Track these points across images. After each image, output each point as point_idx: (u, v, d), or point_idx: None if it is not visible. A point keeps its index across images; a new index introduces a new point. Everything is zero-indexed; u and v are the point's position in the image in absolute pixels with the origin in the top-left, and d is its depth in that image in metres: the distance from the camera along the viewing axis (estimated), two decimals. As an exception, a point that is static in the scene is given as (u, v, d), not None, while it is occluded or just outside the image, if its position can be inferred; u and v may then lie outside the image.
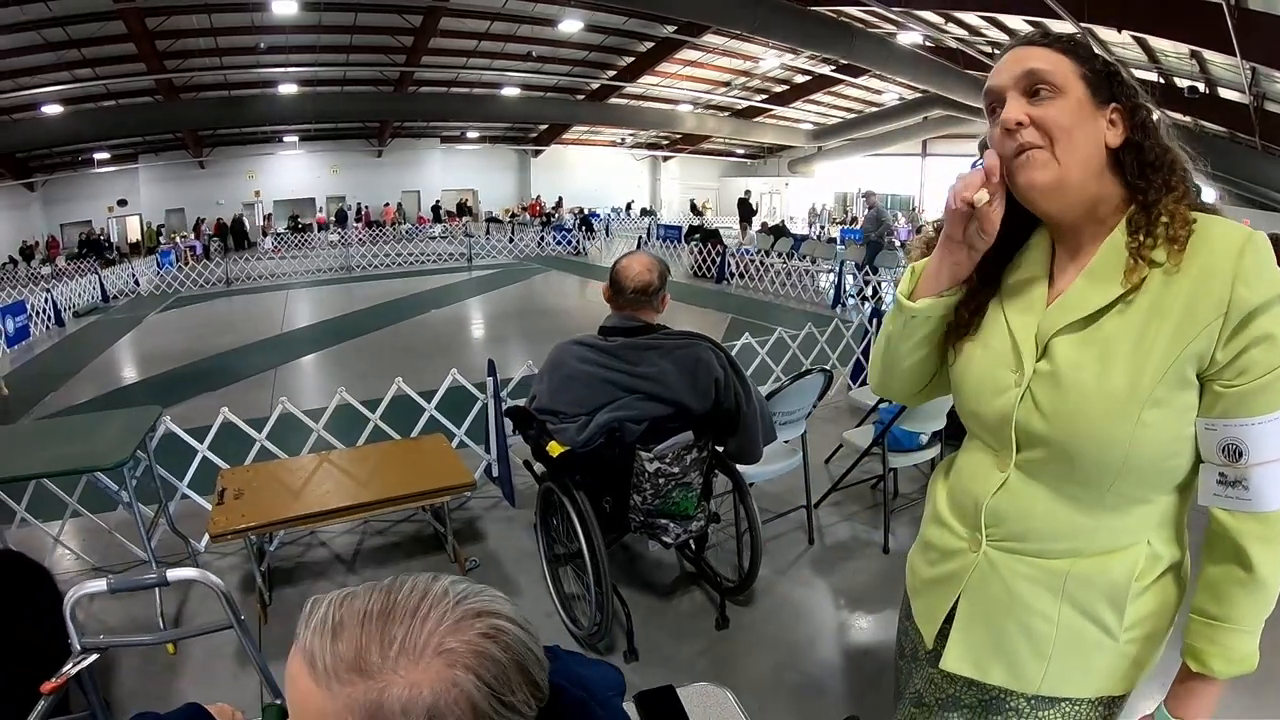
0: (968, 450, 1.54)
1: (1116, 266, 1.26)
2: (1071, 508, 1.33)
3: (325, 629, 0.80)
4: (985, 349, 1.42)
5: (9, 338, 12.79)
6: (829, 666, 3.34)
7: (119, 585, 2.25)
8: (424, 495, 3.93)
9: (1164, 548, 1.36)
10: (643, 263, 3.24)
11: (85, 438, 3.92)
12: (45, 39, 17.70)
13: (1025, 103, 1.27)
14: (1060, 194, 1.28)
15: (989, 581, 1.43)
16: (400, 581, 0.87)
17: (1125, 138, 1.28)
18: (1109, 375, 1.24)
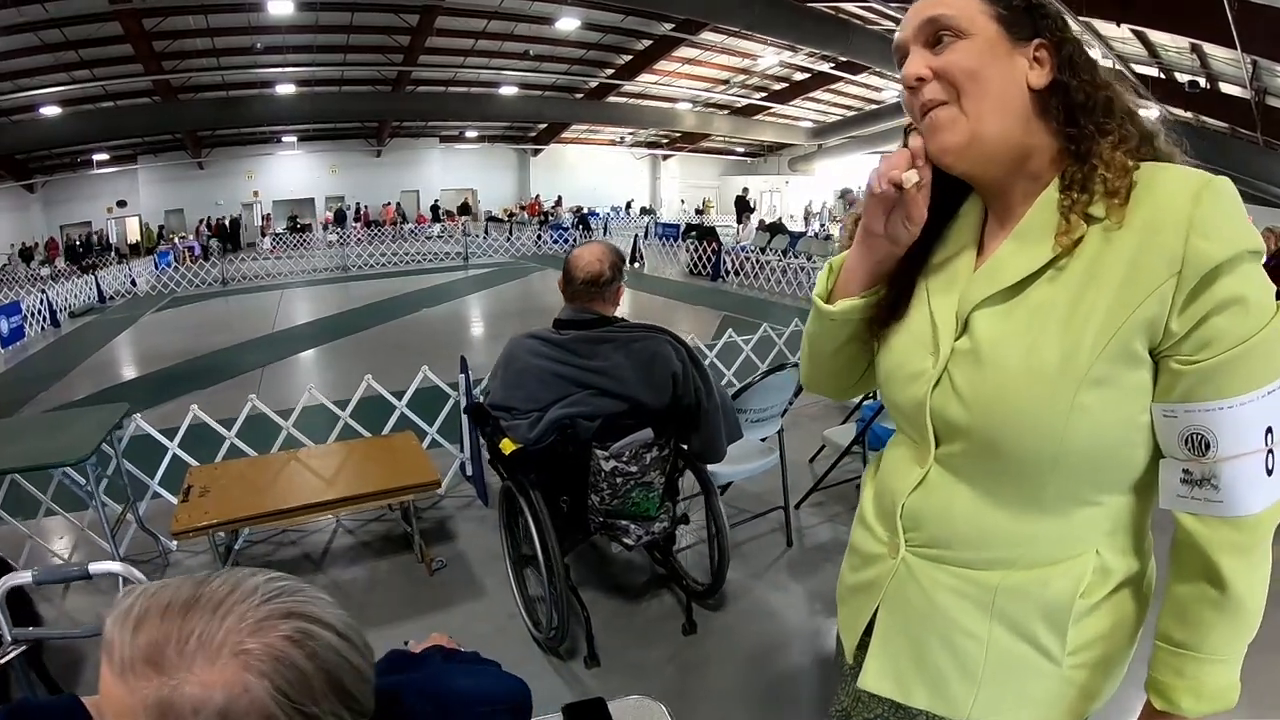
0: (893, 443, 1.37)
1: (1048, 227, 1.09)
2: (1000, 511, 1.15)
3: (128, 619, 0.76)
4: (907, 333, 1.26)
5: (3, 338, 12.80)
6: (800, 674, 3.23)
7: (43, 577, 2.34)
8: (389, 493, 3.89)
9: (1117, 559, 1.16)
10: (594, 252, 3.12)
11: (52, 434, 3.97)
12: (43, 40, 17.76)
13: (926, 53, 1.13)
14: (977, 151, 1.11)
15: (908, 591, 1.27)
16: (217, 574, 0.82)
17: (1052, 78, 1.10)
18: (1036, 351, 1.06)
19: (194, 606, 0.77)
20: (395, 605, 3.79)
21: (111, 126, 23.43)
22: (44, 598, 3.82)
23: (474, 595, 3.86)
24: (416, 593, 3.90)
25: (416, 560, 4.16)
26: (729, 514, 4.17)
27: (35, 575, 2.30)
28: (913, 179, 1.14)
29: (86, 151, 27.10)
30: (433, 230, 30.31)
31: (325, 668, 0.79)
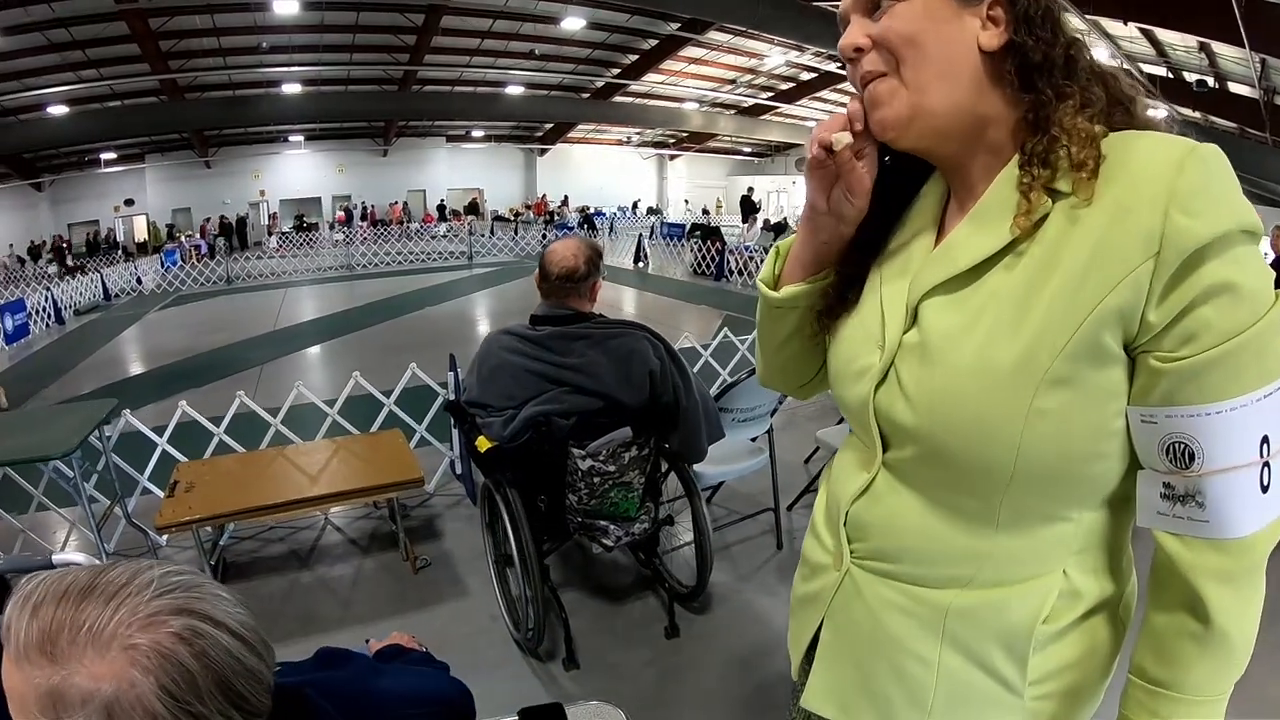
0: (845, 445, 1.25)
1: (1007, 207, 0.95)
2: (953, 524, 1.03)
3: (27, 604, 0.76)
4: (858, 325, 1.13)
5: (8, 335, 12.88)
6: (782, 681, 3.12)
7: (6, 566, 2.37)
8: (373, 490, 3.90)
9: (1087, 581, 1.03)
10: (570, 247, 3.07)
11: (40, 429, 4.00)
12: (49, 40, 17.82)
13: (866, 22, 1.01)
14: (922, 125, 0.99)
15: (852, 608, 1.16)
16: (120, 563, 0.80)
17: (1007, 38, 0.95)
18: (990, 346, 0.93)
19: (89, 595, 0.76)
20: (379, 603, 3.76)
21: (118, 126, 23.50)
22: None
23: (458, 595, 3.83)
24: (401, 591, 3.87)
25: (402, 558, 4.13)
26: (719, 515, 4.15)
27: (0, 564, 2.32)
28: (844, 140, 1.03)
29: (94, 150, 27.23)
30: (439, 229, 30.39)
31: (213, 667, 0.77)
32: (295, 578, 4.03)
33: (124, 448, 4.59)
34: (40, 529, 4.60)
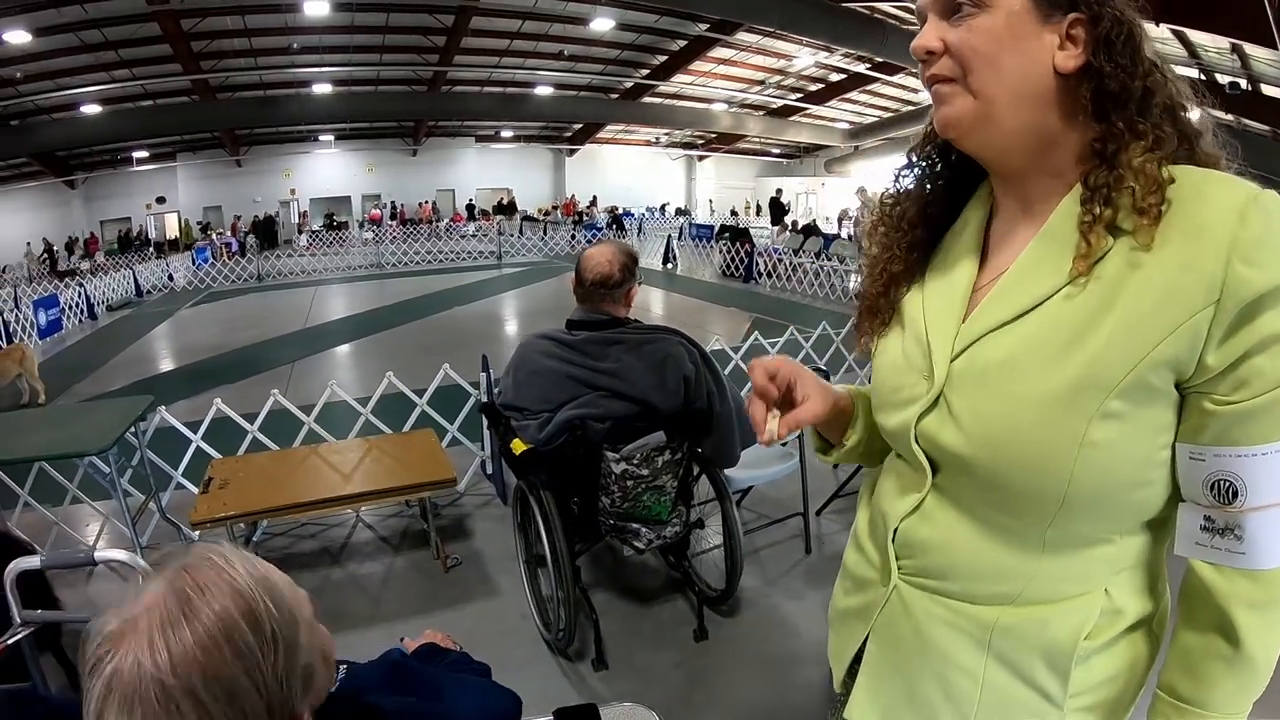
0: (889, 463, 1.26)
1: (1065, 245, 0.96)
2: (1001, 544, 1.05)
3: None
4: (900, 344, 1.17)
5: (41, 330, 13.05)
6: (810, 687, 3.13)
7: (50, 562, 2.35)
8: (406, 490, 3.94)
9: (1128, 599, 1.06)
10: (605, 254, 3.09)
11: (77, 425, 4.10)
12: (82, 41, 18.11)
13: (942, 24, 1.00)
14: (984, 136, 1.01)
15: (899, 622, 1.18)
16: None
17: (1084, 61, 0.95)
18: (1043, 376, 0.94)
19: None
20: (410, 600, 3.80)
21: (150, 125, 23.87)
22: (67, 583, 3.88)
23: (488, 594, 3.85)
24: (431, 589, 3.90)
25: (433, 557, 4.16)
26: (748, 519, 4.14)
27: (44, 560, 2.32)
28: (773, 432, 1.17)
29: (126, 149, 27.57)
30: (468, 229, 30.52)
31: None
32: (327, 574, 4.07)
33: (157, 443, 4.65)
34: (72, 521, 4.68)
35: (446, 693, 1.19)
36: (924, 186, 1.22)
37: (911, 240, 1.20)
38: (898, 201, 1.25)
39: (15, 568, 2.29)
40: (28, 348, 9.11)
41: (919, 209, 1.21)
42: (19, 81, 19.60)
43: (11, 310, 13.25)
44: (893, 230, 1.23)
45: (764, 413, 1.20)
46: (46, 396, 8.76)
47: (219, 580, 0.81)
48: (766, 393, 1.20)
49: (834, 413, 1.27)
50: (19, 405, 8.54)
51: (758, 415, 1.19)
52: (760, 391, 1.20)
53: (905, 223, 1.21)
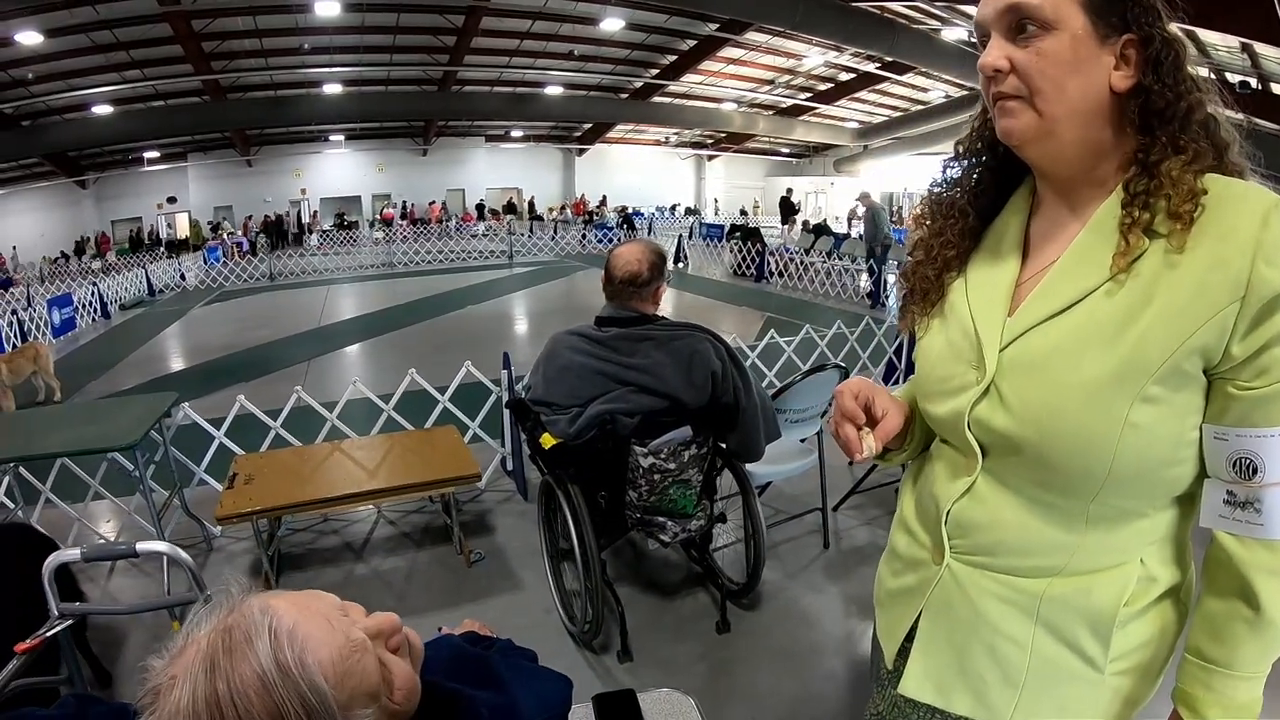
0: (937, 447, 1.34)
1: (1106, 245, 1.06)
2: (1048, 520, 1.14)
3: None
4: (945, 335, 1.26)
5: (55, 328, 13.13)
6: (832, 678, 3.19)
7: (91, 554, 2.40)
8: (429, 485, 3.96)
9: (1161, 568, 1.16)
10: (633, 252, 3.13)
11: (102, 421, 4.11)
12: (94, 41, 18.21)
13: (1007, 44, 1.08)
14: (1044, 149, 1.11)
15: (953, 598, 1.25)
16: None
17: (1135, 80, 1.05)
18: (1089, 364, 1.04)
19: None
20: (433, 595, 3.83)
21: (162, 125, 23.97)
22: (88, 577, 3.94)
23: (511, 588, 3.89)
24: (454, 584, 3.94)
25: (455, 552, 4.20)
26: (767, 514, 4.16)
27: (84, 553, 2.36)
28: (872, 449, 1.27)
29: (137, 149, 27.67)
30: (478, 228, 30.56)
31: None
32: (350, 569, 4.11)
33: (178, 439, 4.69)
34: (90, 518, 4.73)
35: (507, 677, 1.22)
36: (972, 176, 1.30)
37: (963, 227, 1.28)
38: (946, 190, 1.33)
39: (55, 560, 2.32)
40: (42, 346, 9.19)
41: (969, 198, 1.29)
42: (30, 82, 19.73)
43: (26, 309, 13.33)
44: (943, 217, 1.32)
45: (856, 433, 1.28)
46: (62, 394, 8.83)
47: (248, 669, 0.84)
48: (857, 415, 1.29)
49: (906, 421, 1.35)
50: (35, 403, 8.62)
51: (850, 435, 1.28)
52: (851, 414, 1.29)
53: (956, 210, 1.30)
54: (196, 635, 0.85)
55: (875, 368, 7.14)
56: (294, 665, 0.83)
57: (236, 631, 0.84)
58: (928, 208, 1.35)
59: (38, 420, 4.68)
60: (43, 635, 2.15)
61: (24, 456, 3.88)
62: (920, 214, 1.37)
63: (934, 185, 1.36)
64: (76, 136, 23.08)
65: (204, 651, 0.83)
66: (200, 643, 0.84)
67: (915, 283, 1.33)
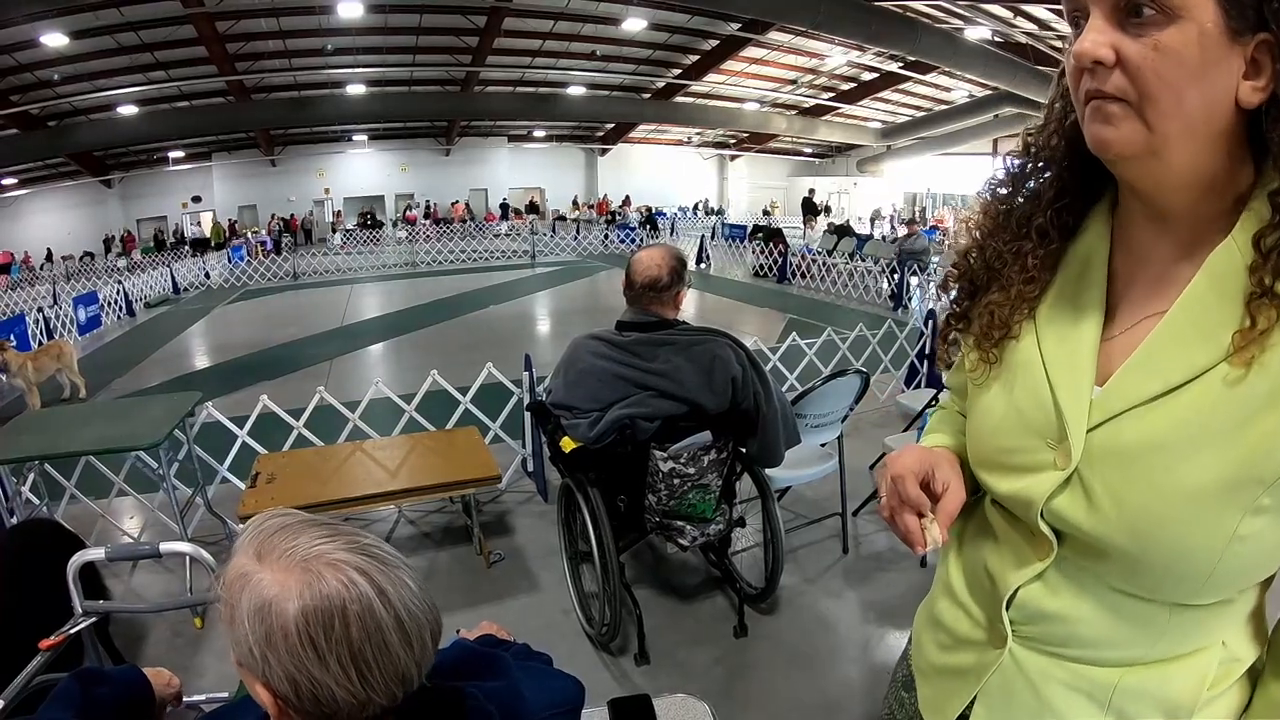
0: (990, 514, 1.15)
1: (1224, 312, 0.85)
2: (1131, 615, 0.98)
3: (270, 519, 0.94)
4: (1009, 395, 1.06)
5: (81, 326, 13.30)
6: (849, 684, 3.19)
7: (115, 554, 2.41)
8: (450, 486, 3.98)
9: (1243, 647, 1.03)
10: (654, 257, 3.13)
11: (126, 419, 4.14)
12: (119, 43, 18.44)
13: (1113, 30, 0.83)
14: (1149, 164, 0.88)
15: (1014, 685, 1.10)
16: (350, 525, 0.96)
17: (1269, 93, 0.81)
18: (1198, 469, 0.86)
19: (312, 528, 0.91)
20: (452, 595, 3.85)
21: (186, 125, 24.20)
22: (112, 573, 3.98)
23: (529, 589, 3.91)
24: (474, 584, 3.97)
25: (475, 552, 4.23)
26: (786, 519, 4.16)
27: (108, 552, 2.37)
28: (937, 542, 1.07)
29: (162, 149, 27.97)
30: (500, 228, 30.65)
31: (353, 623, 0.86)
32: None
33: (200, 438, 4.73)
34: (113, 514, 4.79)
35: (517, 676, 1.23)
36: (1053, 186, 1.06)
37: (1047, 254, 1.06)
38: (1011, 197, 1.12)
39: (80, 559, 2.34)
40: (66, 344, 9.29)
41: (1052, 215, 1.06)
42: (57, 83, 19.98)
43: (52, 307, 13.49)
44: (1016, 237, 1.09)
45: (918, 524, 1.08)
46: (87, 391, 8.93)
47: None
48: (923, 503, 1.10)
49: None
50: (61, 399, 8.73)
51: (913, 528, 1.08)
52: (917, 503, 1.09)
53: (1035, 230, 1.07)
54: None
55: (897, 371, 7.11)
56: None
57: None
58: (994, 220, 1.13)
59: (64, 418, 4.73)
60: (66, 633, 2.17)
61: (51, 454, 3.93)
62: (981, 226, 1.15)
63: (998, 185, 1.13)
64: (102, 137, 23.34)
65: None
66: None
67: (979, 315, 1.12)
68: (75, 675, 1.39)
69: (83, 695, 1.35)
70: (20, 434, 4.08)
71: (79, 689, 1.36)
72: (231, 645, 0.91)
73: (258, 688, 0.90)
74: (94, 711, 1.34)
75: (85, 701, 1.34)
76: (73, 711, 1.31)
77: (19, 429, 4.19)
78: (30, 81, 19.61)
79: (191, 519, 4.48)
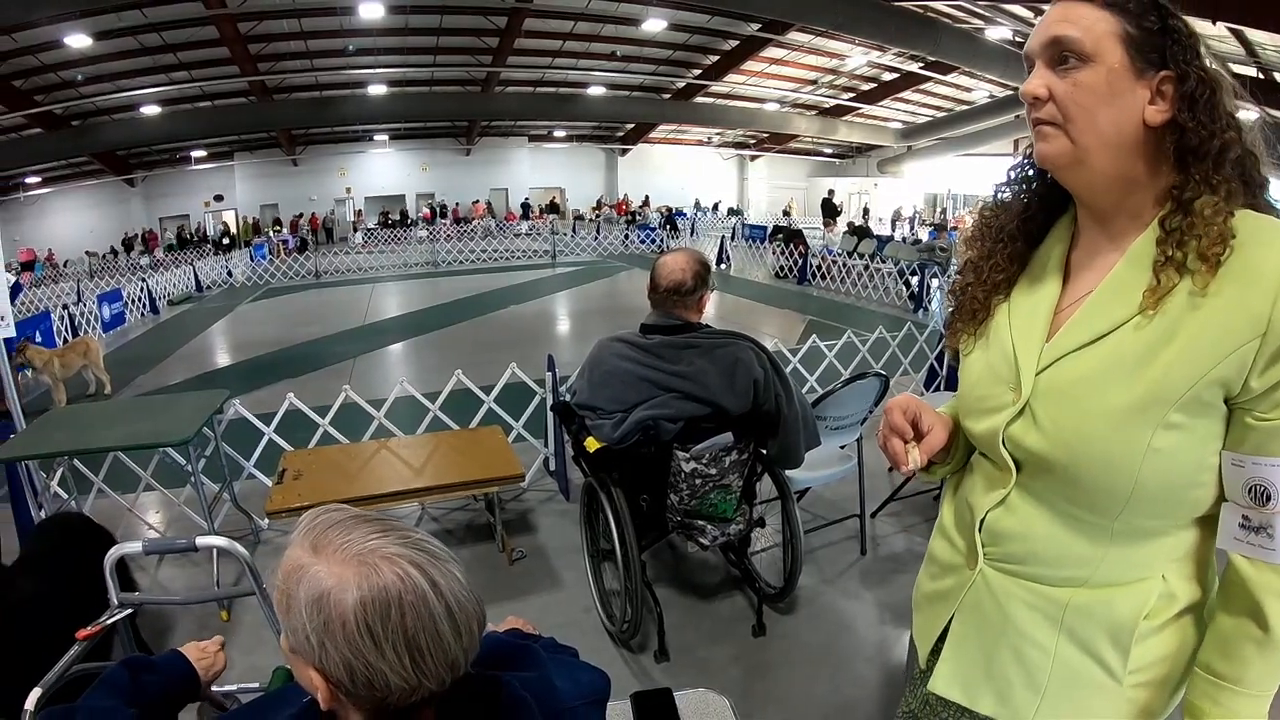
0: (975, 460, 1.42)
1: (1139, 281, 1.12)
2: (1076, 533, 1.21)
3: (323, 514, 0.99)
4: (985, 356, 1.33)
5: (105, 323, 13.46)
6: (865, 683, 3.21)
7: (151, 547, 2.48)
8: (474, 484, 4.02)
9: (1181, 585, 1.21)
10: (678, 261, 3.16)
11: (156, 416, 4.18)
12: (142, 44, 18.66)
13: (1049, 73, 1.14)
14: (1077, 175, 1.18)
15: (983, 602, 1.32)
16: (401, 521, 1.01)
17: (1170, 115, 1.10)
18: (1114, 394, 1.11)
19: (365, 524, 0.96)
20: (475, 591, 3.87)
21: (208, 125, 24.50)
22: (139, 566, 4.05)
23: (551, 586, 3.96)
24: (496, 581, 4.01)
25: (498, 550, 4.29)
26: (805, 519, 4.19)
27: (144, 546, 2.44)
28: (916, 463, 1.32)
29: (185, 148, 28.27)
30: (521, 228, 30.72)
31: (409, 614, 0.91)
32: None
33: (227, 434, 4.80)
34: (141, 508, 4.87)
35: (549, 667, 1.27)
36: (1022, 201, 1.36)
37: (1012, 252, 1.34)
38: (997, 214, 1.39)
39: (117, 552, 2.39)
40: (93, 340, 9.41)
41: (1018, 223, 1.35)
42: (80, 83, 20.25)
43: (77, 304, 13.65)
44: (993, 240, 1.37)
45: (903, 446, 1.34)
46: (112, 388, 9.04)
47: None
48: (905, 430, 1.35)
49: (950, 436, 1.41)
50: (86, 396, 8.86)
51: (898, 449, 1.34)
52: (899, 429, 1.35)
53: (1005, 235, 1.35)
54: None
55: (917, 374, 7.11)
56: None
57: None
58: (979, 230, 1.42)
59: (93, 414, 4.80)
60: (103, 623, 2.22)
61: (82, 450, 4.00)
62: (971, 236, 1.43)
63: (985, 208, 1.43)
64: (125, 136, 23.66)
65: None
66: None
67: (965, 302, 1.39)
68: (124, 663, 1.44)
69: (131, 683, 1.40)
70: (51, 429, 4.15)
71: (128, 677, 1.40)
72: (286, 632, 0.96)
73: (311, 673, 0.94)
74: (141, 698, 1.39)
75: (134, 689, 1.39)
76: (122, 699, 1.35)
77: (49, 425, 4.26)
78: (54, 82, 19.87)
79: (218, 514, 4.53)
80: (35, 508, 4.24)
